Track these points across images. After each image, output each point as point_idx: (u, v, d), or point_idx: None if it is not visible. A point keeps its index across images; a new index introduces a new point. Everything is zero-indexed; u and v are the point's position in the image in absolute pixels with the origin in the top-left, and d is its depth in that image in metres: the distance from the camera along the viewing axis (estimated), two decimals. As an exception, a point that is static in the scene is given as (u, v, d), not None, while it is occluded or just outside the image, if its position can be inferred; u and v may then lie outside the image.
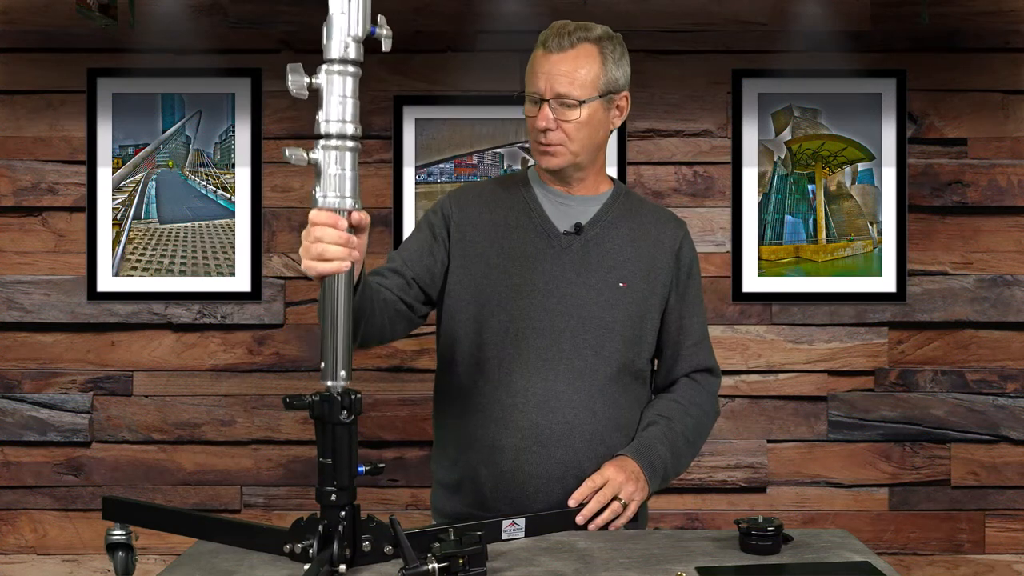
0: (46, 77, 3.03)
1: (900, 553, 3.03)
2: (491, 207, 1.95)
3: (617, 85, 1.91)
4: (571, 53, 1.85)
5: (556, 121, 1.85)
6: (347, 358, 1.54)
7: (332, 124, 1.50)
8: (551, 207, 1.94)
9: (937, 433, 3.03)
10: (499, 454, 1.87)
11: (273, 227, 3.04)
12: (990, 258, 3.04)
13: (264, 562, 1.58)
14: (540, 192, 1.96)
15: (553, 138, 1.86)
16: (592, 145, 1.90)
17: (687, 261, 1.98)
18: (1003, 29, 3.03)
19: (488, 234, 1.92)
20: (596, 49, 1.88)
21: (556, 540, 1.73)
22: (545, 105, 1.84)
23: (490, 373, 1.88)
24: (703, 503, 3.04)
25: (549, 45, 1.86)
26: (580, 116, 1.85)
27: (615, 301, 1.89)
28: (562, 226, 1.92)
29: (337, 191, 1.50)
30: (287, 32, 3.03)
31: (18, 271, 3.04)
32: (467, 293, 1.91)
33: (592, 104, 1.86)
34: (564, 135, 1.86)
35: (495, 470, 1.87)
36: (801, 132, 3.04)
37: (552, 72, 1.84)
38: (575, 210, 1.93)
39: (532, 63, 1.89)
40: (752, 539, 1.65)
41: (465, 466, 1.91)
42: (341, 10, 1.50)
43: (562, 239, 1.91)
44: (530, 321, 1.87)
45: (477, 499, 1.90)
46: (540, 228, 1.92)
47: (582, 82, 1.84)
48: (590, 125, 1.87)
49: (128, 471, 3.04)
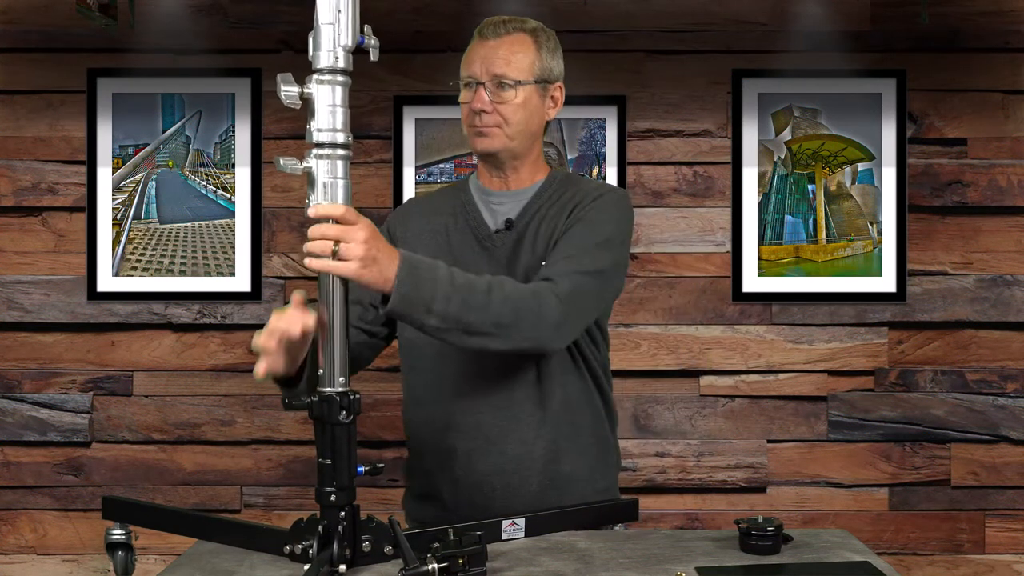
0: (46, 77, 3.03)
1: (900, 553, 3.03)
2: (431, 216, 1.98)
3: (552, 75, 1.93)
4: (507, 39, 1.88)
5: (492, 104, 1.87)
6: (344, 364, 1.55)
7: (323, 133, 1.53)
8: (485, 208, 1.95)
9: (937, 433, 3.03)
10: (452, 458, 1.88)
11: (273, 227, 3.04)
12: (990, 258, 3.04)
13: (264, 562, 1.58)
14: (477, 195, 1.97)
15: (488, 120, 1.87)
16: (527, 131, 1.91)
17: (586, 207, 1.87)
18: (1003, 29, 3.02)
19: (429, 243, 1.94)
20: (531, 38, 1.90)
21: (556, 540, 1.73)
22: (481, 88, 1.86)
23: (438, 378, 1.89)
24: (703, 503, 3.04)
25: (485, 33, 1.89)
26: (516, 98, 1.87)
27: None
28: (494, 225, 1.93)
29: (330, 198, 1.53)
30: (287, 32, 3.03)
31: (18, 271, 3.04)
32: None
33: (528, 88, 1.88)
34: (500, 117, 1.87)
35: (450, 474, 1.89)
36: (801, 132, 3.04)
37: (488, 56, 1.87)
38: (506, 207, 1.94)
39: (467, 52, 1.91)
40: (752, 539, 1.65)
41: (426, 472, 1.93)
42: (329, 20, 1.52)
43: (494, 238, 1.92)
44: None
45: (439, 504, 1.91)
46: (474, 230, 1.93)
47: (518, 65, 1.87)
48: (526, 109, 1.89)
49: (128, 471, 3.04)
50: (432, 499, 1.93)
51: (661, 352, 3.03)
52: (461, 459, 1.87)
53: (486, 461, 1.86)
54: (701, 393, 3.04)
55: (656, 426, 3.04)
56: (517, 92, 1.87)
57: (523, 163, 1.94)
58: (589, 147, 3.02)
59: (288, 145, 3.02)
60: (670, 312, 3.03)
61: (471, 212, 1.95)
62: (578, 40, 3.01)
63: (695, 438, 3.04)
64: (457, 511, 1.87)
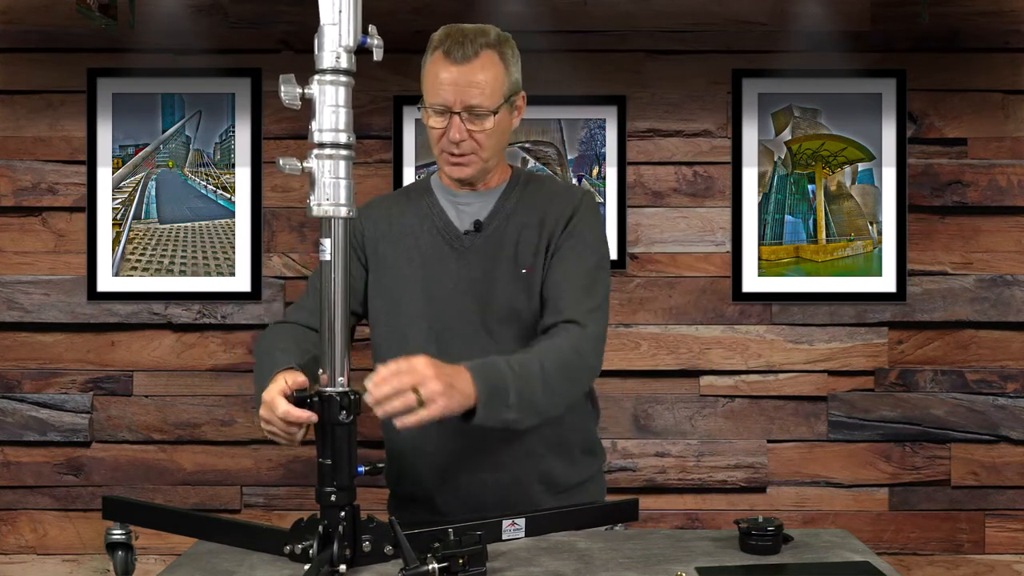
0: (46, 77, 3.03)
1: (900, 553, 3.03)
2: (397, 217, 1.98)
3: (517, 87, 1.92)
4: (477, 63, 1.83)
5: (468, 132, 1.85)
6: (344, 364, 1.55)
7: (325, 133, 1.53)
8: (452, 210, 1.95)
9: (937, 433, 3.03)
10: (436, 457, 1.88)
11: (273, 227, 3.04)
12: (990, 258, 3.04)
13: (264, 562, 1.58)
14: (441, 197, 1.97)
15: (466, 148, 1.86)
16: (499, 148, 1.92)
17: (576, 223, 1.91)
18: (1003, 29, 3.02)
19: (396, 244, 1.94)
20: (497, 55, 1.87)
21: (556, 540, 1.73)
22: (455, 117, 1.84)
23: None
24: (703, 503, 3.05)
25: (453, 55, 1.83)
26: (491, 125, 1.86)
27: (522, 287, 1.88)
28: (463, 226, 1.93)
29: (331, 199, 1.52)
30: (287, 32, 3.03)
31: (18, 271, 3.04)
32: (384, 305, 1.93)
33: (500, 111, 1.87)
34: (476, 144, 1.86)
35: (441, 477, 1.89)
36: (801, 132, 3.04)
37: (459, 83, 1.83)
38: (473, 208, 1.94)
39: (434, 72, 1.86)
40: (752, 539, 1.65)
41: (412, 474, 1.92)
42: (332, 20, 1.52)
43: (464, 239, 1.92)
44: (447, 323, 1.88)
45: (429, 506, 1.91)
46: (443, 232, 1.93)
47: (491, 91, 1.84)
48: (498, 131, 1.88)
49: (128, 471, 3.04)
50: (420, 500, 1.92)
51: (661, 352, 3.03)
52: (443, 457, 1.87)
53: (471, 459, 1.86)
54: (701, 393, 3.04)
55: (656, 426, 3.04)
56: (491, 119, 1.85)
57: (493, 174, 1.96)
58: (589, 147, 3.02)
59: (288, 145, 3.02)
60: (670, 312, 3.03)
61: (437, 214, 1.95)
62: (578, 40, 3.01)
63: (695, 438, 3.04)
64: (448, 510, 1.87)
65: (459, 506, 1.88)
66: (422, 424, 1.58)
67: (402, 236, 1.95)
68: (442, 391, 1.58)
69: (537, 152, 3.04)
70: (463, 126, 1.84)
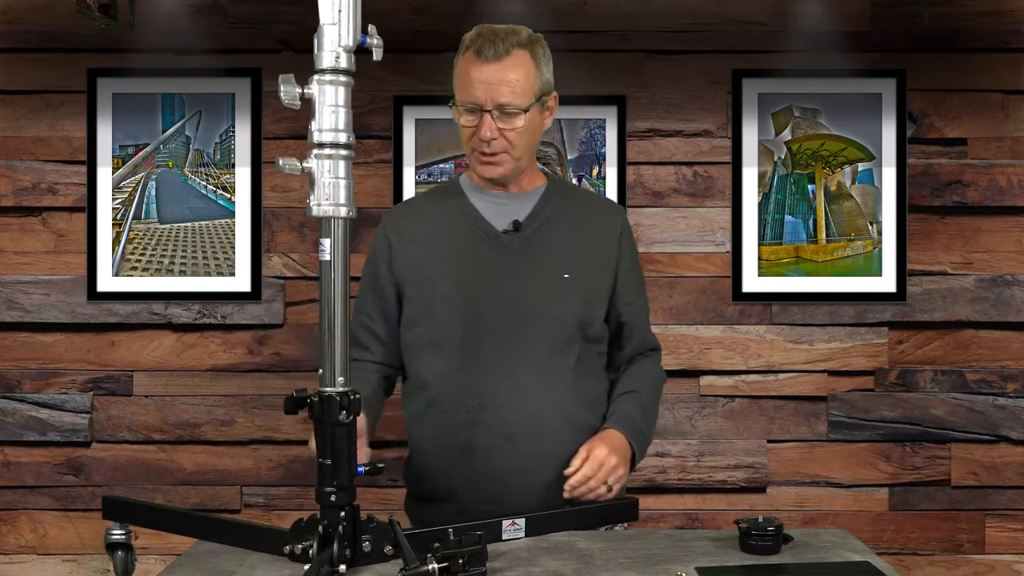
0: (46, 77, 3.03)
1: (900, 553, 3.03)
2: (428, 219, 1.99)
3: (549, 86, 1.94)
4: (508, 61, 1.86)
5: (499, 130, 1.87)
6: (344, 364, 1.55)
7: (325, 133, 1.52)
8: (487, 209, 1.96)
9: (937, 433, 3.03)
10: (471, 457, 1.88)
11: (273, 227, 3.04)
12: (990, 258, 3.04)
13: (264, 562, 1.58)
14: (475, 197, 1.98)
15: (496, 147, 1.89)
16: (531, 147, 1.95)
17: (628, 245, 2.03)
18: (1003, 29, 3.02)
19: (429, 247, 1.95)
20: (529, 54, 1.89)
21: (556, 540, 1.73)
22: (487, 115, 1.86)
23: (452, 379, 1.90)
24: (703, 503, 3.04)
25: (484, 54, 1.86)
26: (522, 124, 1.88)
27: (562, 292, 1.91)
28: (500, 226, 1.94)
29: (331, 199, 1.53)
30: (287, 32, 3.03)
31: (18, 271, 3.04)
32: (420, 307, 1.94)
33: (531, 110, 1.89)
34: (507, 143, 1.89)
35: (469, 473, 1.89)
36: (801, 132, 3.04)
37: (491, 81, 1.85)
38: (511, 208, 1.96)
39: (465, 71, 1.89)
40: (752, 539, 1.65)
41: (439, 475, 1.92)
42: (332, 20, 1.52)
43: (502, 238, 1.93)
44: (484, 323, 1.89)
45: (453, 504, 1.91)
46: (479, 231, 1.94)
47: (522, 90, 1.87)
48: (529, 130, 1.91)
49: (128, 471, 3.04)
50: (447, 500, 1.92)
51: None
52: (479, 456, 1.87)
53: (506, 459, 1.87)
54: (701, 393, 3.04)
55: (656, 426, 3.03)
56: (522, 117, 1.88)
57: (524, 175, 1.98)
58: (589, 147, 3.02)
59: (288, 145, 3.02)
60: (670, 312, 3.03)
61: (471, 213, 1.96)
62: (578, 40, 3.01)
63: (695, 438, 3.04)
64: (477, 509, 1.86)
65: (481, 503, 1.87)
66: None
67: (432, 237, 1.96)
68: (623, 473, 1.88)
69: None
70: (494, 124, 1.86)
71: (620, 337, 2.03)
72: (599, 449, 1.84)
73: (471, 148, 1.92)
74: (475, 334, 1.89)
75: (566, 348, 1.91)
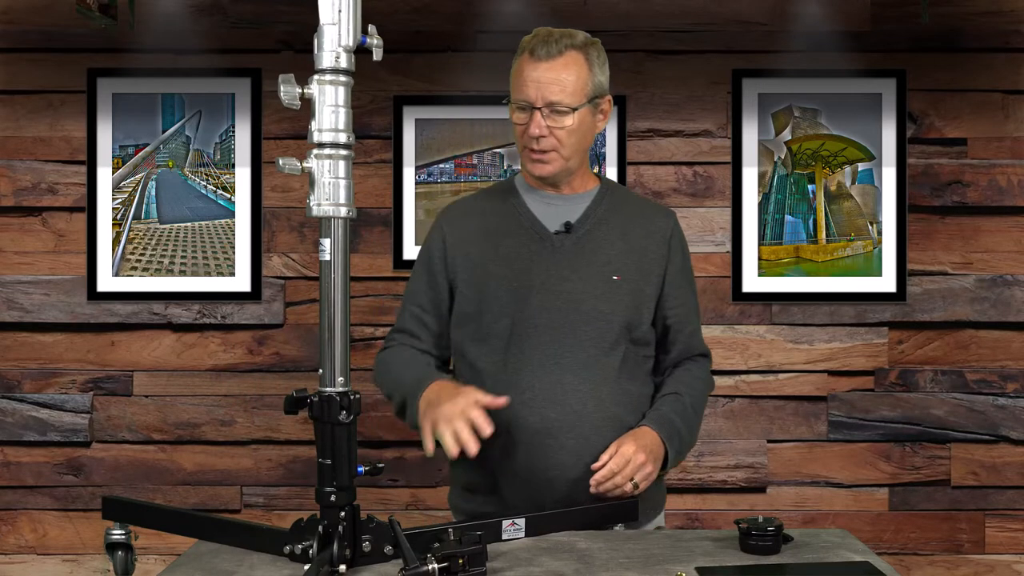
0: (46, 77, 3.03)
1: (900, 553, 3.03)
2: (481, 217, 2.01)
3: (602, 89, 1.97)
4: (560, 61, 1.89)
5: (548, 128, 1.89)
6: (344, 364, 1.55)
7: (325, 133, 1.52)
8: (540, 209, 1.98)
9: (937, 433, 3.03)
10: (512, 451, 1.89)
11: (273, 227, 3.04)
12: (990, 258, 3.04)
13: (264, 562, 1.58)
14: (528, 197, 2.00)
15: (546, 145, 1.91)
16: (581, 150, 1.96)
17: (678, 250, 2.03)
18: (1003, 29, 3.02)
19: (482, 244, 1.97)
20: (583, 56, 1.92)
21: (556, 540, 1.73)
22: (537, 113, 1.88)
23: (498, 375, 1.92)
24: (703, 503, 3.04)
25: (537, 53, 1.89)
26: (572, 123, 1.90)
27: (611, 294, 1.93)
28: (552, 226, 1.96)
29: (331, 199, 1.53)
30: (287, 32, 3.03)
31: (18, 271, 3.04)
32: (471, 305, 1.96)
33: (582, 110, 1.91)
34: (556, 141, 1.91)
35: (509, 467, 1.90)
36: (801, 132, 3.04)
37: (542, 80, 1.88)
38: (563, 209, 1.98)
39: (519, 70, 1.92)
40: (752, 539, 1.65)
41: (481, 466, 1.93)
42: (332, 20, 1.52)
43: (553, 239, 1.95)
44: (532, 320, 1.91)
45: (495, 497, 1.93)
46: (531, 230, 1.96)
47: (573, 89, 1.89)
48: (580, 131, 1.93)
49: (128, 471, 3.04)
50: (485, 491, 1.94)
51: (661, 352, 3.03)
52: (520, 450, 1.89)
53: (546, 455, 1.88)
54: (701, 393, 3.04)
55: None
56: (572, 117, 1.90)
57: (576, 176, 2.00)
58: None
59: (288, 145, 3.02)
60: (670, 312, 3.03)
61: (524, 213, 1.98)
62: (578, 40, 3.00)
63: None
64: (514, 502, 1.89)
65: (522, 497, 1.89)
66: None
67: (487, 235, 1.98)
68: (651, 471, 1.86)
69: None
70: (543, 122, 1.89)
71: (666, 340, 2.04)
72: (628, 445, 1.84)
73: (522, 146, 1.95)
74: (522, 332, 1.91)
75: (612, 349, 1.92)
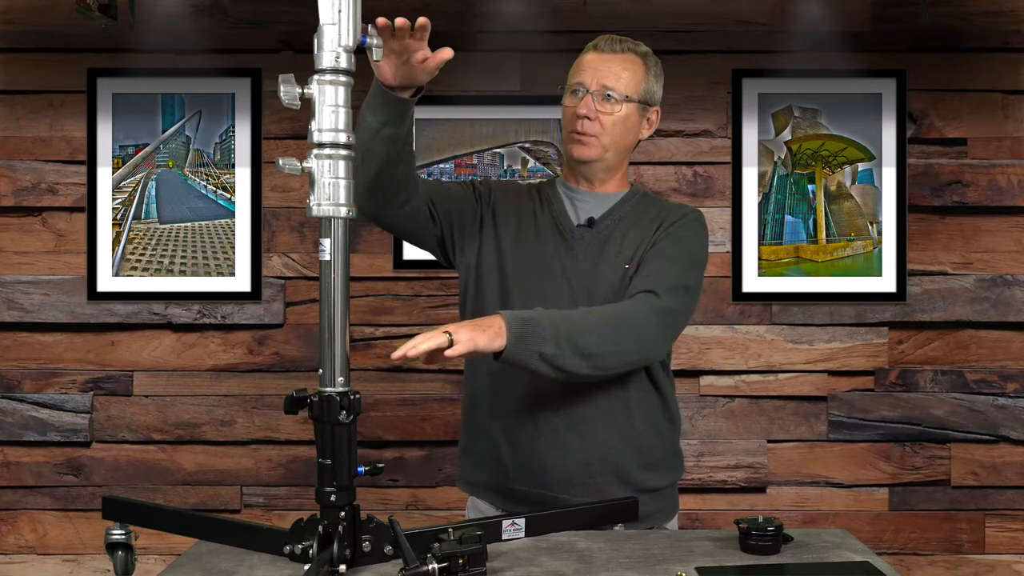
0: (46, 77, 3.03)
1: (900, 553, 3.03)
2: (520, 199, 2.07)
3: (654, 98, 2.02)
4: (620, 56, 1.98)
5: (596, 111, 1.95)
6: (344, 364, 1.55)
7: (325, 133, 1.53)
8: (569, 204, 2.03)
9: (937, 433, 3.03)
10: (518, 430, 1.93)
11: (273, 227, 3.04)
12: (990, 258, 3.04)
13: (264, 562, 1.58)
14: (563, 191, 2.06)
15: (589, 128, 1.95)
16: (622, 145, 2.00)
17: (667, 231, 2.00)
18: (1003, 29, 3.02)
19: (514, 224, 2.02)
20: (642, 61, 2.00)
21: (556, 540, 1.73)
22: (588, 96, 1.94)
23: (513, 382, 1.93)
24: (703, 503, 3.04)
25: (601, 47, 1.99)
26: (620, 111, 1.95)
27: (622, 282, 1.96)
28: (577, 220, 2.01)
29: (331, 199, 1.53)
30: (287, 32, 3.03)
31: (18, 271, 3.04)
32: (493, 279, 2.00)
33: (631, 105, 1.97)
34: (600, 127, 1.95)
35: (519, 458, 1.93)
36: (801, 132, 3.04)
37: (600, 68, 1.96)
38: (590, 206, 2.02)
39: (579, 61, 2.00)
40: (752, 539, 1.65)
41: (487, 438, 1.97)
42: (332, 20, 1.52)
43: (575, 232, 2.00)
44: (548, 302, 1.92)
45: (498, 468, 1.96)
46: (557, 222, 2.01)
47: (627, 83, 1.96)
48: (625, 124, 1.97)
49: (128, 471, 3.04)
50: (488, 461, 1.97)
51: (661, 352, 3.03)
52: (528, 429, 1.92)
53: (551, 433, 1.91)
54: (701, 393, 3.04)
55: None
56: (621, 106, 1.95)
57: (612, 176, 2.03)
58: (589, 147, 3.02)
59: (288, 145, 3.02)
60: (670, 312, 3.03)
61: (555, 204, 2.03)
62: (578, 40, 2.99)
63: (695, 438, 3.04)
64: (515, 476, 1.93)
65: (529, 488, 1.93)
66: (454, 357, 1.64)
67: (520, 216, 2.02)
68: (470, 328, 1.66)
69: (537, 152, 3.04)
70: (592, 104, 1.94)
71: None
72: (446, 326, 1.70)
73: (568, 131, 1.99)
74: None
75: None
